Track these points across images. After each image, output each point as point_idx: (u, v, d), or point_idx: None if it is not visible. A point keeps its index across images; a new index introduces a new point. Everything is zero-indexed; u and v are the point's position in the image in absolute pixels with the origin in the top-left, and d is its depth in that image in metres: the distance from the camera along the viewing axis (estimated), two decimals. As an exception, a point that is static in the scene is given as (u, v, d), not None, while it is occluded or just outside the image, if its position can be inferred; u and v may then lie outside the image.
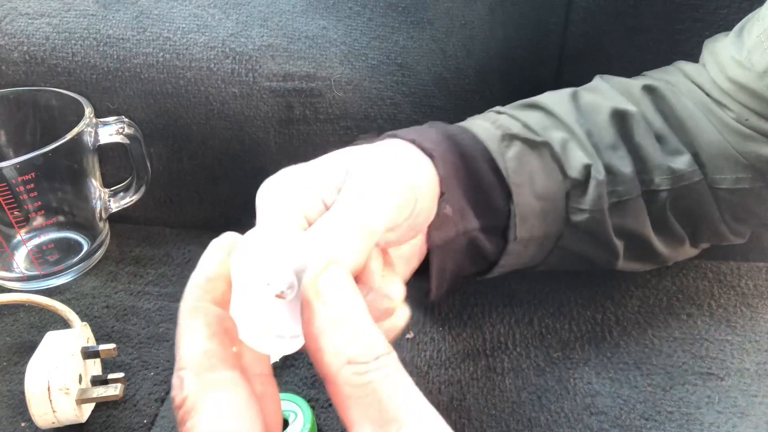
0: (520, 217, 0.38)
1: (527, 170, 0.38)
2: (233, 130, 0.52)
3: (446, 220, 0.35)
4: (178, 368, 0.22)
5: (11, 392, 0.41)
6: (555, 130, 0.41)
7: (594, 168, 0.39)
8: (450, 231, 0.36)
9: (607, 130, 0.41)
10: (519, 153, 0.38)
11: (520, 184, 0.38)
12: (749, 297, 0.48)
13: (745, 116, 0.40)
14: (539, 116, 0.42)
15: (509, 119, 0.41)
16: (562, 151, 0.40)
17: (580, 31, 0.55)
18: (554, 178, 0.39)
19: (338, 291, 0.23)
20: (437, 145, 0.36)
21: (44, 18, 0.52)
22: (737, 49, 0.40)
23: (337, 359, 0.21)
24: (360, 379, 0.21)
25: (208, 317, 0.23)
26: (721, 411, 0.39)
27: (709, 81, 0.42)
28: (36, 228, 0.50)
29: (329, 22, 0.54)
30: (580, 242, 0.41)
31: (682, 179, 0.41)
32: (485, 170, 0.38)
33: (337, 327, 0.22)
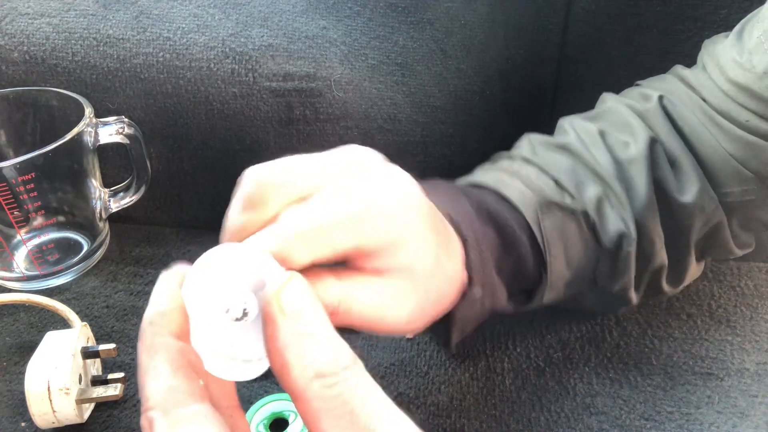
0: (551, 286, 0.38)
1: (564, 241, 0.38)
2: (233, 130, 0.52)
3: (473, 300, 0.35)
4: (145, 409, 0.22)
5: (11, 392, 0.41)
6: (590, 184, 0.40)
7: (626, 236, 0.39)
8: (475, 309, 0.36)
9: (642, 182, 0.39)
10: (557, 222, 0.38)
11: (556, 255, 0.38)
12: (749, 297, 0.48)
13: (746, 117, 0.40)
14: (570, 165, 0.40)
15: (539, 174, 0.40)
16: (597, 217, 0.39)
17: (580, 31, 0.55)
18: (588, 246, 0.39)
19: (301, 304, 0.22)
20: (472, 224, 0.34)
21: (44, 18, 0.52)
22: (738, 50, 0.40)
23: (305, 373, 0.21)
24: (329, 391, 0.21)
25: (169, 352, 0.22)
26: (721, 411, 0.39)
27: (708, 84, 0.42)
28: (36, 228, 0.50)
29: (329, 22, 0.54)
30: (597, 299, 0.42)
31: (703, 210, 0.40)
32: (523, 243, 0.37)
33: (302, 341, 0.22)
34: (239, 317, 0.23)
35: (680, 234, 0.41)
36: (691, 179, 0.40)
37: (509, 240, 0.37)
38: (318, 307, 0.23)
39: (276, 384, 0.41)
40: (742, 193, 0.41)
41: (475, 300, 0.35)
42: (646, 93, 0.43)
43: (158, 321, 0.23)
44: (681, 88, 0.43)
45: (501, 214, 0.37)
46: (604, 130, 0.42)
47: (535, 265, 0.38)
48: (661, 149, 0.40)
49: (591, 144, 0.41)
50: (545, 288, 0.39)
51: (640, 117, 0.42)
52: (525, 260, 0.38)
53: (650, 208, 0.39)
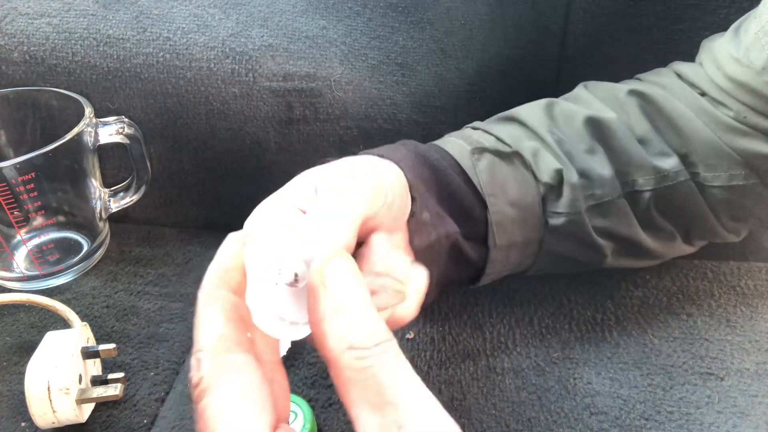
0: (497, 224, 0.40)
1: (499, 180, 0.40)
2: (233, 130, 0.52)
3: (424, 223, 0.36)
4: (196, 350, 0.24)
5: (11, 392, 0.41)
6: (527, 140, 0.42)
7: (566, 172, 0.40)
8: (430, 234, 0.37)
9: (581, 136, 0.42)
10: (490, 164, 0.40)
11: (494, 194, 0.39)
12: (749, 297, 0.48)
13: (743, 113, 0.40)
14: (513, 128, 0.43)
15: (482, 134, 0.42)
16: (533, 159, 0.41)
17: (580, 31, 0.55)
18: (527, 185, 0.40)
19: (342, 280, 0.24)
20: (405, 160, 0.37)
21: (44, 18, 0.52)
22: (735, 46, 0.41)
23: (339, 344, 0.22)
24: (360, 363, 0.22)
25: (225, 304, 0.25)
26: (721, 411, 0.39)
27: (706, 79, 0.42)
28: (36, 228, 0.50)
29: (329, 22, 0.54)
30: (562, 245, 0.42)
31: (666, 179, 0.42)
32: (458, 182, 0.39)
33: (339, 313, 0.23)
34: (290, 282, 0.25)
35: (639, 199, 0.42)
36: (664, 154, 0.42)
37: (443, 177, 0.38)
38: (359, 285, 0.24)
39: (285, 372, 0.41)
40: (730, 178, 0.42)
41: (425, 224, 0.36)
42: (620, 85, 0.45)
43: (220, 275, 0.25)
44: (676, 82, 0.44)
45: (435, 157, 0.39)
46: (554, 100, 0.44)
47: (479, 208, 0.39)
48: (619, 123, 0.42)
49: (535, 110, 0.43)
50: (493, 227, 0.39)
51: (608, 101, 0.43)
52: (464, 200, 0.39)
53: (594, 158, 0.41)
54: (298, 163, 0.54)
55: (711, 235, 0.45)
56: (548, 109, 0.43)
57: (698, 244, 0.47)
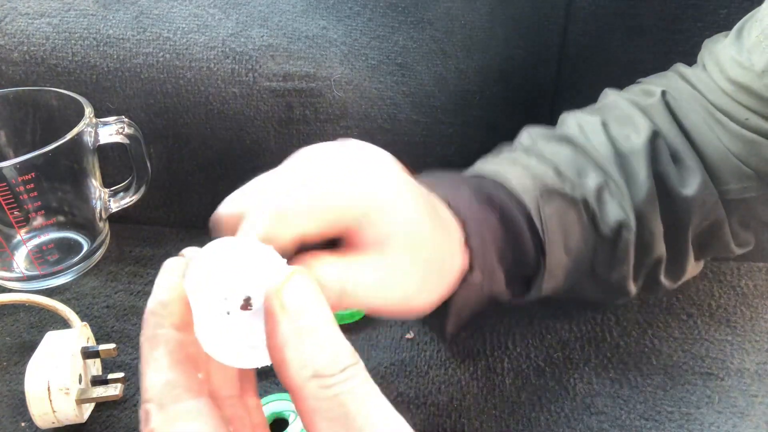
0: (549, 272, 0.38)
1: (563, 229, 0.38)
2: (233, 130, 0.52)
3: (472, 286, 0.34)
4: (144, 401, 0.22)
5: (11, 392, 0.41)
6: (590, 173, 0.40)
7: (625, 225, 0.39)
8: (473, 294, 0.35)
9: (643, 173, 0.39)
10: (557, 210, 0.38)
11: (556, 242, 0.38)
12: (749, 297, 0.48)
13: (745, 116, 0.40)
14: (570, 155, 0.41)
15: (539, 163, 0.40)
16: (597, 205, 0.39)
17: (580, 31, 0.55)
18: (587, 233, 0.39)
19: (302, 301, 0.22)
20: (471, 208, 0.34)
21: (44, 18, 0.52)
22: (737, 49, 0.41)
23: (303, 372, 0.21)
24: (326, 392, 0.21)
25: (168, 345, 0.22)
26: (721, 411, 0.39)
27: (710, 84, 0.42)
28: (36, 228, 0.50)
29: (329, 22, 0.54)
30: (595, 289, 0.42)
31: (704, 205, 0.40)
32: (524, 231, 0.37)
33: (301, 339, 0.21)
34: (242, 307, 0.23)
35: (680, 227, 0.41)
36: (692, 173, 0.40)
37: (509, 225, 0.36)
38: (321, 305, 0.22)
39: (276, 384, 0.41)
40: (742, 190, 0.41)
41: (475, 284, 0.34)
42: (648, 89, 0.43)
43: (159, 311, 0.23)
44: (682, 85, 0.43)
45: (501, 199, 0.37)
46: (606, 121, 0.42)
47: (535, 252, 0.38)
48: (662, 142, 0.40)
49: (592, 134, 0.41)
50: (544, 275, 0.38)
51: (642, 111, 0.42)
52: (525, 246, 0.37)
53: (650, 199, 0.39)
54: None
55: (724, 252, 0.44)
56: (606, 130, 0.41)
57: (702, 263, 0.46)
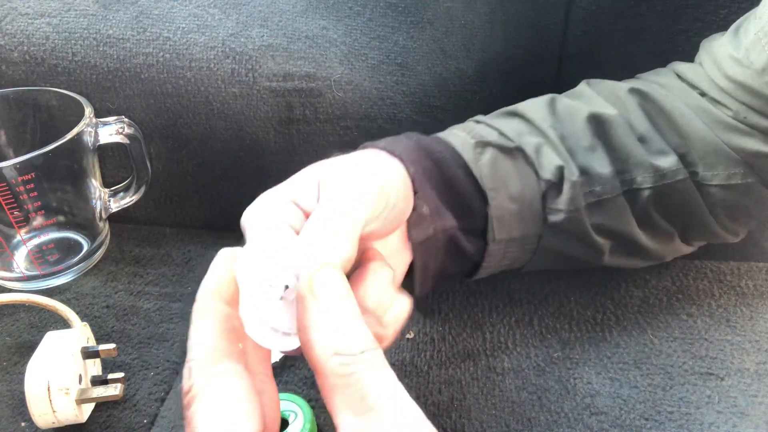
0: (497, 218, 0.40)
1: (501, 174, 0.40)
2: (233, 130, 0.52)
3: (423, 217, 0.37)
4: (188, 359, 0.24)
5: (11, 392, 0.41)
6: (529, 135, 0.42)
7: (567, 169, 0.40)
8: (428, 228, 0.37)
9: (583, 133, 0.42)
10: (492, 159, 0.40)
11: (495, 188, 0.39)
12: (749, 297, 0.48)
13: (743, 114, 0.40)
14: (516, 123, 0.43)
15: (486, 128, 0.42)
16: (535, 155, 0.41)
17: (580, 31, 0.55)
18: (529, 180, 0.41)
19: (330, 289, 0.25)
20: (408, 152, 0.37)
21: (44, 18, 0.52)
22: (734, 47, 0.41)
23: (326, 350, 0.23)
24: (344, 369, 0.23)
25: (217, 315, 0.25)
26: (721, 411, 0.39)
27: (706, 79, 0.42)
28: (36, 228, 0.50)
29: (329, 22, 0.54)
30: (561, 241, 0.42)
31: (665, 177, 0.42)
32: (460, 176, 0.39)
33: (326, 321, 0.24)
34: (282, 295, 0.25)
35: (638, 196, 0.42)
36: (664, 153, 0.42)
37: (445, 170, 0.39)
38: (347, 294, 0.25)
39: (276, 384, 0.41)
40: (728, 177, 0.42)
41: (424, 217, 0.36)
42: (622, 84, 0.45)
43: (213, 288, 0.26)
44: (676, 82, 0.44)
45: (438, 149, 0.39)
46: (557, 96, 0.44)
47: (480, 202, 0.40)
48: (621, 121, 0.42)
49: (538, 106, 0.44)
50: (493, 222, 0.40)
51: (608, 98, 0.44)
52: (465, 193, 0.39)
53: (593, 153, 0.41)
54: (298, 163, 0.53)
55: (709, 235, 0.45)
56: (551, 105, 0.44)
57: (696, 244, 0.47)
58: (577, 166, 0.41)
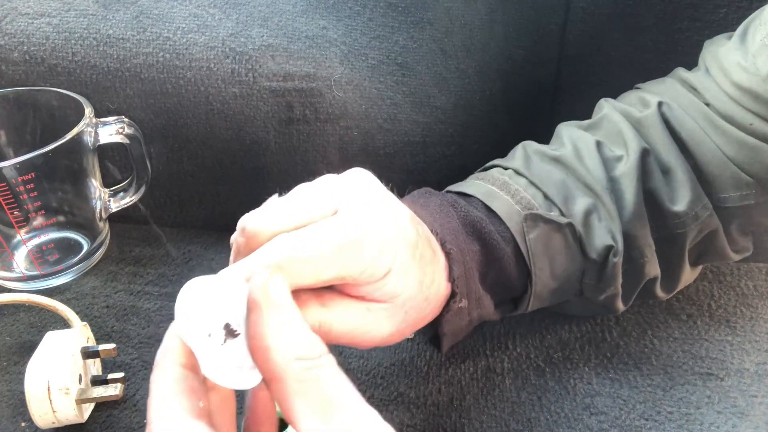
0: (536, 296, 0.39)
1: (550, 253, 0.39)
2: (233, 130, 0.52)
3: (459, 311, 0.36)
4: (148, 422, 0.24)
5: (11, 392, 0.41)
6: (579, 197, 0.40)
7: (614, 250, 0.39)
8: (463, 320, 0.37)
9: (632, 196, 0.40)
10: (542, 235, 0.38)
11: (541, 267, 0.39)
12: (749, 297, 0.48)
13: (750, 120, 0.39)
14: (561, 177, 0.41)
15: (528, 186, 0.40)
16: (584, 230, 0.39)
17: (580, 31, 0.55)
18: (574, 258, 0.39)
19: (283, 295, 0.25)
20: (456, 237, 0.36)
21: (44, 18, 0.52)
22: (742, 54, 0.40)
23: (286, 355, 0.23)
24: (307, 373, 0.23)
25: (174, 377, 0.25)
26: (721, 411, 0.39)
27: (712, 88, 0.41)
28: (36, 228, 0.50)
29: (329, 22, 0.54)
30: (583, 306, 0.43)
31: (696, 219, 0.40)
32: (508, 257, 0.38)
33: (284, 326, 0.24)
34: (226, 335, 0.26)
35: (673, 242, 0.41)
36: (683, 188, 0.40)
37: (493, 253, 0.38)
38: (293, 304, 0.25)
39: None
40: (741, 198, 0.41)
41: (461, 310, 0.36)
42: (645, 98, 0.43)
43: (166, 354, 0.26)
44: (682, 91, 0.43)
45: (486, 227, 0.38)
46: (599, 141, 0.42)
47: (520, 276, 0.39)
48: (653, 160, 0.40)
49: (585, 155, 0.41)
50: (530, 298, 0.39)
51: (635, 125, 0.42)
52: (509, 272, 0.38)
53: (639, 219, 0.39)
54: (298, 163, 0.54)
55: (722, 258, 0.45)
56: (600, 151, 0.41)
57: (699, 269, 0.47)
58: (623, 232, 0.39)
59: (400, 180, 0.56)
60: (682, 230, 0.40)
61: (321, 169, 0.54)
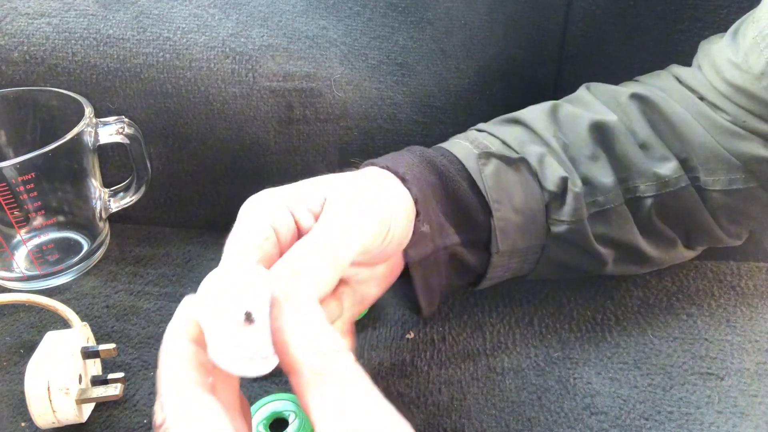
0: (501, 230, 0.40)
1: (505, 186, 0.40)
2: (233, 130, 0.52)
3: (423, 237, 0.37)
4: (158, 396, 0.25)
5: (11, 392, 0.41)
6: (532, 145, 0.42)
7: (570, 180, 0.40)
8: (427, 247, 0.38)
9: (585, 141, 0.42)
10: (496, 170, 0.40)
11: (499, 200, 0.40)
12: (749, 297, 0.48)
13: (743, 118, 0.40)
14: (518, 132, 0.43)
15: (488, 137, 0.42)
16: (539, 166, 0.41)
17: (580, 31, 0.55)
18: (532, 192, 0.41)
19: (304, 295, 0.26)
20: (411, 168, 0.37)
21: (44, 18, 0.52)
22: (733, 51, 0.41)
23: (304, 349, 0.24)
24: (323, 367, 0.24)
25: (184, 352, 0.26)
26: (721, 411, 0.39)
27: (705, 84, 0.42)
28: (36, 228, 0.50)
29: (329, 22, 0.54)
30: (564, 252, 0.42)
31: (667, 185, 0.42)
32: (464, 187, 0.39)
33: (303, 322, 0.25)
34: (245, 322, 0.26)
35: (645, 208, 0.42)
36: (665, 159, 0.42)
37: (449, 183, 0.39)
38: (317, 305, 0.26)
39: (276, 384, 0.41)
40: (730, 182, 0.41)
41: (424, 235, 0.37)
42: (626, 85, 0.45)
43: (178, 329, 0.26)
44: (675, 86, 0.44)
45: (442, 162, 0.39)
46: (558, 103, 0.44)
47: (483, 214, 0.40)
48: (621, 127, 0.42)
49: (540, 114, 0.43)
50: (496, 233, 0.40)
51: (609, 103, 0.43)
52: (468, 205, 0.39)
53: (595, 162, 0.41)
54: (298, 163, 0.54)
55: (712, 239, 0.45)
56: (553, 113, 0.43)
57: (699, 249, 0.47)
58: (580, 176, 0.41)
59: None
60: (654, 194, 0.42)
61: (321, 169, 0.54)
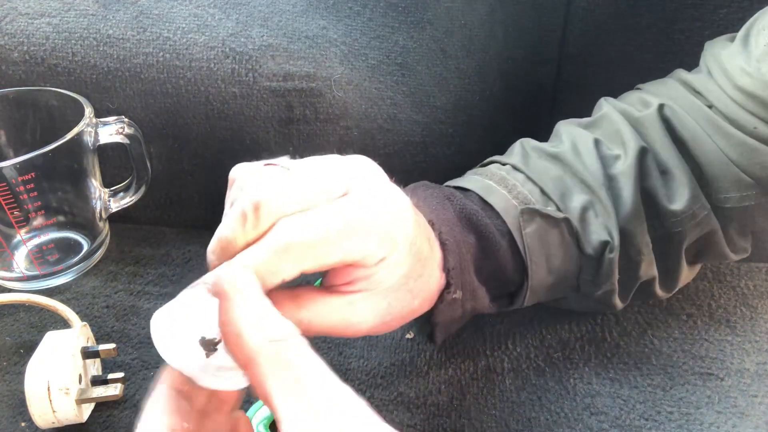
0: (532, 291, 0.39)
1: (545, 248, 0.39)
2: (233, 130, 0.52)
3: (453, 302, 0.36)
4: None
5: (11, 392, 0.41)
6: (577, 193, 0.40)
7: (610, 246, 0.39)
8: (455, 311, 0.37)
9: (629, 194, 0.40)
10: (538, 230, 0.39)
11: (537, 262, 0.39)
12: (749, 297, 0.48)
13: (754, 124, 0.40)
14: (558, 174, 0.41)
15: (526, 183, 0.40)
16: (580, 225, 0.39)
17: (580, 31, 0.55)
18: (571, 254, 0.40)
19: (252, 286, 0.26)
20: (451, 227, 0.36)
21: (44, 18, 0.52)
22: (744, 58, 0.40)
23: (259, 338, 0.24)
24: (279, 354, 0.24)
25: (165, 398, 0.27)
26: (721, 411, 0.39)
27: (715, 90, 0.41)
28: (36, 228, 0.50)
29: (329, 22, 0.54)
30: (580, 300, 0.43)
31: (694, 218, 0.40)
32: (504, 249, 0.38)
33: (254, 312, 0.25)
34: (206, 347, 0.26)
35: (670, 241, 0.41)
36: (682, 187, 0.40)
37: (489, 245, 0.38)
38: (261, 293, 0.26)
39: None
40: (741, 199, 0.41)
41: (455, 301, 0.36)
42: (645, 99, 0.43)
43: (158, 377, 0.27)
44: (683, 93, 0.43)
45: (482, 220, 0.38)
46: (598, 139, 0.42)
47: (516, 270, 0.39)
48: (651, 159, 0.41)
49: (583, 153, 0.41)
50: (526, 292, 0.40)
51: (634, 125, 0.42)
52: (505, 266, 0.39)
53: (636, 217, 0.40)
54: (298, 163, 0.54)
55: (720, 258, 0.45)
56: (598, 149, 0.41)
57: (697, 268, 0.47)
58: (619, 229, 0.39)
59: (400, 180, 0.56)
60: (679, 229, 0.40)
61: (321, 169, 0.54)
